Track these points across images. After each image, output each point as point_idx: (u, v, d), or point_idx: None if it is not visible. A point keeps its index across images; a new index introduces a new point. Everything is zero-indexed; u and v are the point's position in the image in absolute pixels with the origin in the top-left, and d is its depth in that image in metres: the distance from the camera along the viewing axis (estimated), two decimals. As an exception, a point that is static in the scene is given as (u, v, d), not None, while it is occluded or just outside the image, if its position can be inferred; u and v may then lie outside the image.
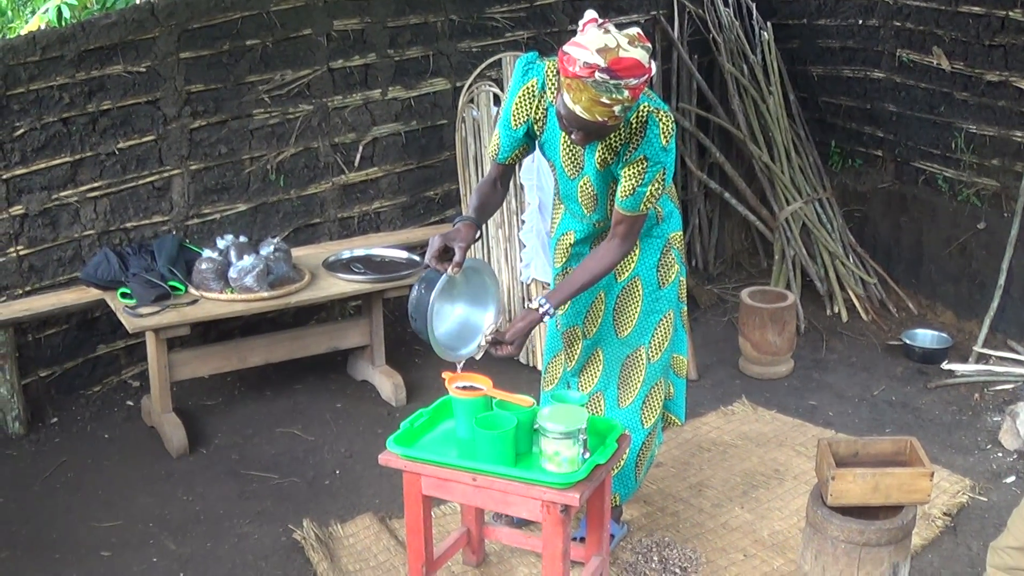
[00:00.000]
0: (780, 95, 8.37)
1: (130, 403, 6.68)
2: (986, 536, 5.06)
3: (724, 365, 7.21)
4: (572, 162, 4.52)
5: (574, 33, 7.46)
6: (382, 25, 7.29)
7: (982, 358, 7.12)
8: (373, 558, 5.06)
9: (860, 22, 8.34)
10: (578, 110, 4.03)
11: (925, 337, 7.46)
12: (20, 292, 6.38)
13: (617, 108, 4.00)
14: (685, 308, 5.11)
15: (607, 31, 3.98)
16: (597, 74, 3.91)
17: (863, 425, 6.42)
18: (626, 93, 3.96)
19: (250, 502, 5.61)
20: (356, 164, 7.41)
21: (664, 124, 4.26)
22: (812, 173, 8.35)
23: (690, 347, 6.92)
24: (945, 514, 5.38)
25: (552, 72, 4.39)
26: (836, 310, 7.96)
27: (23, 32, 7.11)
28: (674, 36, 8.36)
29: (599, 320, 4.94)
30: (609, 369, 4.98)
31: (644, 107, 4.25)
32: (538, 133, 4.53)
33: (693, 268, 8.78)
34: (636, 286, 4.82)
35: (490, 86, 6.99)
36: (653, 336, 4.87)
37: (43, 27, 7.44)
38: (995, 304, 7.25)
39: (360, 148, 7.41)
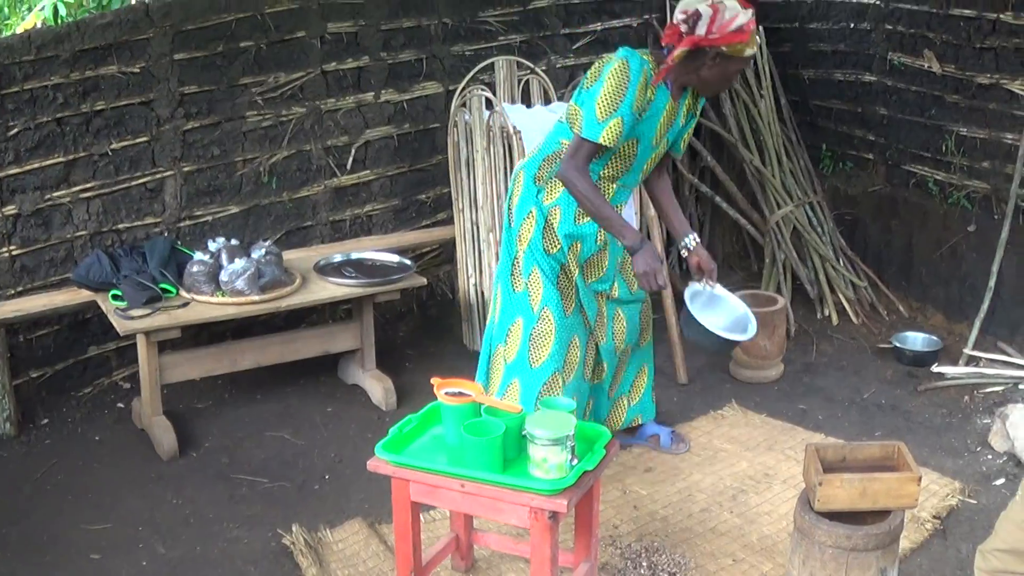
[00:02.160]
0: (771, 99, 8.38)
1: (120, 405, 6.68)
2: (976, 539, 5.06)
3: (714, 369, 7.20)
4: (667, 127, 5.23)
5: (567, 36, 7.64)
6: (375, 28, 7.30)
7: (972, 360, 7.13)
8: (362, 563, 5.06)
9: (851, 25, 8.37)
10: (750, 51, 4.95)
11: (915, 340, 7.47)
12: (12, 292, 6.38)
13: None
14: None
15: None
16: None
17: (853, 428, 6.43)
18: None
19: (240, 506, 5.61)
20: (348, 167, 7.42)
21: None
22: (803, 176, 8.36)
23: (680, 351, 6.97)
24: (935, 517, 5.38)
25: (653, 61, 5.03)
26: (826, 313, 7.97)
27: (19, 30, 7.12)
28: (666, 39, 8.36)
29: (614, 281, 5.58)
30: (631, 324, 5.72)
31: None
32: (639, 116, 5.06)
33: (685, 271, 8.79)
34: None
35: (483, 90, 6.99)
36: None
37: (39, 24, 7.46)
38: (985, 306, 7.26)
39: (352, 151, 7.41)
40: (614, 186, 5.29)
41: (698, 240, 5.43)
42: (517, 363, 5.45)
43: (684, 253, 5.46)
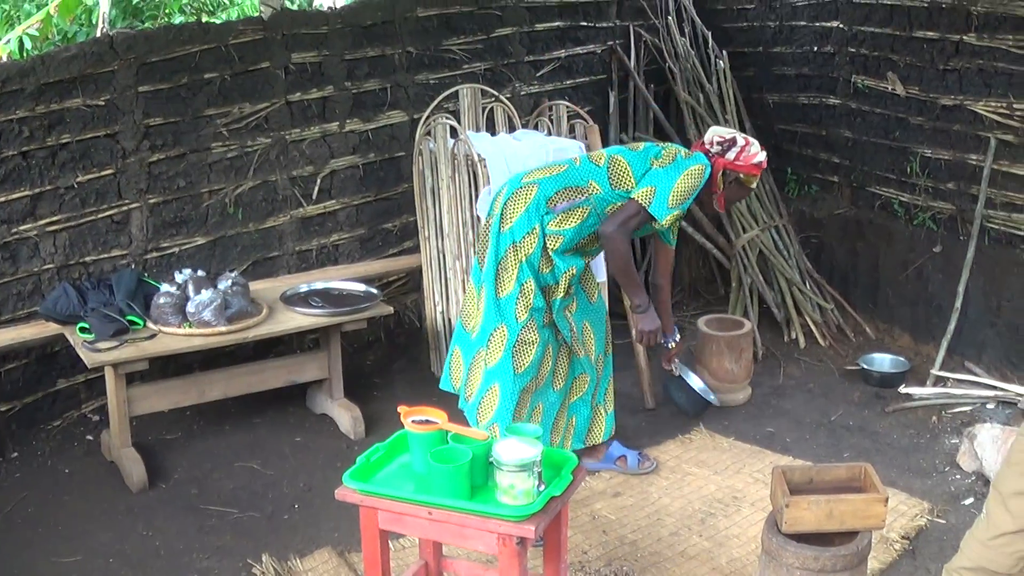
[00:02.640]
0: (736, 123, 8.42)
1: (90, 437, 6.65)
2: (945, 558, 5.05)
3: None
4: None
5: (531, 63, 7.65)
6: (340, 58, 7.31)
7: (939, 381, 7.17)
8: (332, 592, 5.06)
9: (815, 49, 8.43)
10: (754, 185, 5.83)
11: (882, 361, 7.51)
12: (-20, 327, 6.36)
13: None
14: None
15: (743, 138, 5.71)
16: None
17: (821, 450, 6.45)
18: None
19: (209, 537, 5.59)
20: (314, 197, 7.42)
21: None
22: (768, 200, 8.40)
23: (648, 376, 6.98)
24: (903, 537, 5.41)
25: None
26: (793, 336, 8.01)
27: (-15, 63, 7.10)
28: (631, 66, 8.41)
29: (575, 299, 5.87)
30: (599, 334, 6.03)
31: None
32: None
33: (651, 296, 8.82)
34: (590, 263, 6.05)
35: (447, 118, 7.00)
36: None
37: (4, 58, 7.43)
38: (952, 327, 7.31)
39: (318, 181, 7.41)
40: (599, 242, 5.75)
41: (681, 335, 6.47)
42: (499, 368, 5.56)
43: (671, 345, 6.21)
